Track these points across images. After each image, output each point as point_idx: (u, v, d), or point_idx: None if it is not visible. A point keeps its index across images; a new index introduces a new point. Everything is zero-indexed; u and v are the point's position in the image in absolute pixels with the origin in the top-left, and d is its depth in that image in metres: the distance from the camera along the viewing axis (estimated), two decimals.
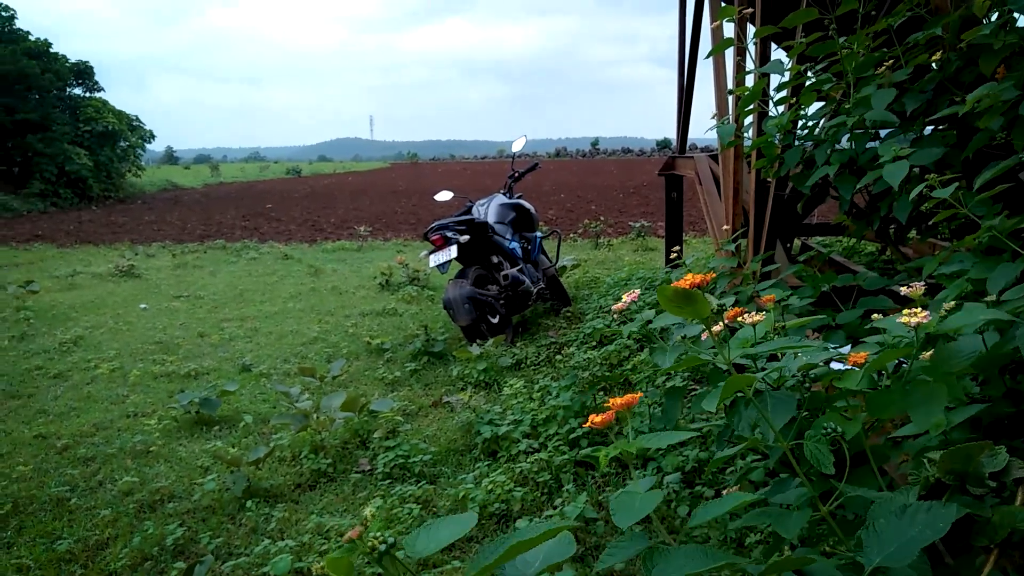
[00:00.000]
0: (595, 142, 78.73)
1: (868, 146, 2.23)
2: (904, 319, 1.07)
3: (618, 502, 1.08)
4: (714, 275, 1.18)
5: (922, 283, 1.16)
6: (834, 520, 1.09)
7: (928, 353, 1.15)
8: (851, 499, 1.11)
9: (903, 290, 1.15)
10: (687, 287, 1.04)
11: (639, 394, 1.18)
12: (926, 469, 1.07)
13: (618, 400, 1.13)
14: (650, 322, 1.52)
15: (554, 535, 1.04)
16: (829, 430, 1.09)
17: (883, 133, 2.27)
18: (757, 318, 1.18)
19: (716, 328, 1.14)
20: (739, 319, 1.19)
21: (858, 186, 2.23)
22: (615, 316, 1.33)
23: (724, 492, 1.39)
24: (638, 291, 1.46)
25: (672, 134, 6.64)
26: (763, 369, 1.25)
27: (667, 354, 1.29)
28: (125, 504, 3.11)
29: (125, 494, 3.20)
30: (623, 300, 1.40)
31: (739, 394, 1.21)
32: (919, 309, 1.08)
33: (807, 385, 1.25)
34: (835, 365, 1.27)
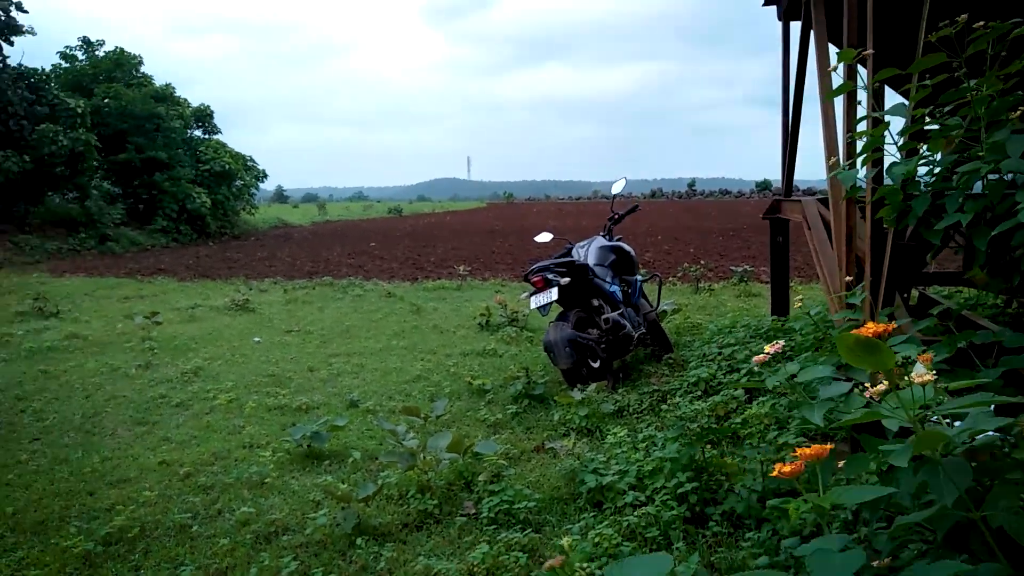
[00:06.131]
0: (692, 183, 77.78)
1: (1005, 193, 2.11)
2: None
3: (815, 561, 1.02)
4: (894, 325, 1.13)
5: None
6: None
7: None
8: None
9: None
10: (869, 336, 1.00)
11: (830, 445, 1.13)
12: None
13: (807, 451, 1.09)
14: (794, 376, 1.47)
15: None
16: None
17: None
18: (927, 378, 1.12)
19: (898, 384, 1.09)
20: (904, 379, 1.14)
21: (993, 233, 2.11)
22: (756, 368, 1.28)
23: None
24: (781, 343, 1.42)
25: (771, 175, 6.49)
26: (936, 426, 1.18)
27: (815, 409, 1.24)
28: (242, 534, 3.23)
29: (242, 524, 3.33)
30: (766, 351, 1.37)
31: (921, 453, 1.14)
32: None
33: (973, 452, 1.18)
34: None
